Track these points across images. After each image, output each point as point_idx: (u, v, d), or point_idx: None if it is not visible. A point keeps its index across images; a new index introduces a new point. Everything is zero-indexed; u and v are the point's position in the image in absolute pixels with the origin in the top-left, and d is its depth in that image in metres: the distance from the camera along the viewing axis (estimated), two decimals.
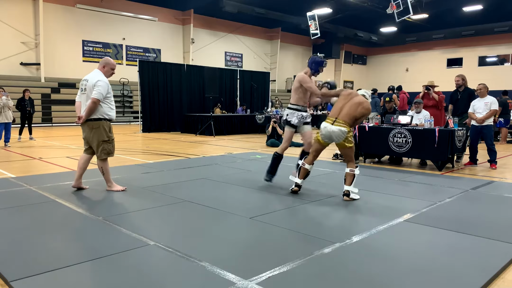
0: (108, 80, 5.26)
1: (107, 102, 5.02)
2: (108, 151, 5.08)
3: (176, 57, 23.84)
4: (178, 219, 4.09)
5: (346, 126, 4.78)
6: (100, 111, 4.95)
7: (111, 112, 5.09)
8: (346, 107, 4.88)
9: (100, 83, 4.90)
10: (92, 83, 4.90)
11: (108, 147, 5.08)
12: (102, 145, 5.02)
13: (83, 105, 4.98)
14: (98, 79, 4.93)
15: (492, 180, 6.38)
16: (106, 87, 4.96)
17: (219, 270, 2.78)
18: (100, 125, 4.98)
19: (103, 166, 5.15)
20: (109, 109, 5.05)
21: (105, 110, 4.99)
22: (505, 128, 12.78)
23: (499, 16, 24.67)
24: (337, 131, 4.77)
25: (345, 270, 2.85)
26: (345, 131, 4.77)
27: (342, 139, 4.80)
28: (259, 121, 15.81)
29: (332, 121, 4.86)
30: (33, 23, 18.85)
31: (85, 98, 4.97)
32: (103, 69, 5.09)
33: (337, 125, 4.79)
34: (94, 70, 5.11)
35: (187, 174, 6.58)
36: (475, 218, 4.18)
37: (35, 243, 3.31)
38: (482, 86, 7.66)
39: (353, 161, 4.94)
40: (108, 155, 5.10)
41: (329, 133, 4.83)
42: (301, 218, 4.09)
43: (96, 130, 4.98)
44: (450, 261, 3.01)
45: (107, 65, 5.11)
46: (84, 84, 4.98)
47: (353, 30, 28.95)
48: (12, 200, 4.69)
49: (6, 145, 10.37)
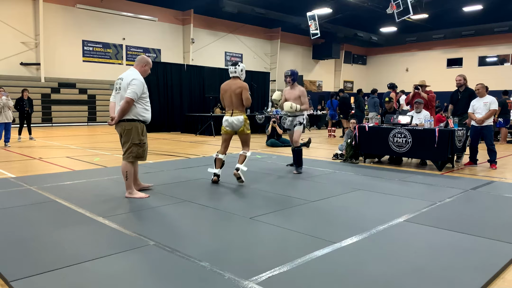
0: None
1: (142, 103, 4.75)
2: (136, 155, 4.78)
3: (176, 57, 23.83)
4: (178, 219, 4.09)
5: (242, 114, 5.65)
6: (134, 112, 4.68)
7: (146, 114, 4.81)
8: (232, 98, 5.64)
9: (136, 81, 4.64)
10: (127, 81, 4.64)
11: (138, 151, 4.79)
12: (132, 147, 4.74)
13: (117, 105, 4.74)
14: (134, 77, 4.67)
15: (492, 180, 6.38)
16: (142, 86, 4.70)
17: (219, 270, 2.78)
18: (133, 127, 4.71)
19: (128, 170, 4.79)
20: (143, 110, 4.77)
21: (139, 111, 4.72)
22: (505, 128, 12.78)
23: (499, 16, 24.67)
24: (235, 121, 5.64)
25: (345, 270, 2.85)
26: (242, 119, 5.63)
27: (241, 126, 5.65)
28: (259, 121, 15.81)
29: (230, 114, 5.69)
30: (33, 23, 18.84)
31: (119, 98, 4.73)
32: (143, 68, 4.85)
33: (235, 115, 5.65)
34: (130, 69, 4.84)
35: (187, 174, 6.58)
36: (475, 218, 4.18)
37: (35, 243, 3.31)
38: (480, 86, 7.66)
39: (248, 146, 5.83)
40: (136, 159, 4.82)
41: (230, 124, 5.67)
42: (301, 218, 4.09)
43: (128, 131, 4.71)
44: (450, 261, 3.01)
45: (148, 64, 4.88)
46: (119, 83, 4.74)
47: (353, 30, 28.94)
48: (12, 200, 4.69)
49: (6, 145, 10.37)
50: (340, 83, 33.66)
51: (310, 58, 32.34)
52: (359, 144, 8.07)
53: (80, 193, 5.06)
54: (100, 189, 5.31)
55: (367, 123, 8.44)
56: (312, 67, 32.63)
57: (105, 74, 20.35)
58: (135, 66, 4.85)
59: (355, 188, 5.55)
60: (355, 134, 8.10)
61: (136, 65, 4.86)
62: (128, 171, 4.78)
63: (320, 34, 23.90)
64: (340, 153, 8.60)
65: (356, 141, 8.08)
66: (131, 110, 4.65)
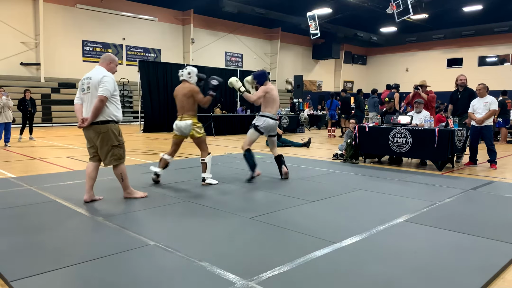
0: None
1: (114, 102, 4.49)
2: (118, 156, 4.56)
3: (176, 57, 23.84)
4: (179, 219, 4.09)
5: (190, 118, 5.53)
6: (107, 112, 4.42)
7: (118, 113, 4.55)
8: (182, 103, 5.58)
9: (107, 78, 4.39)
10: (97, 79, 4.37)
11: (119, 152, 4.57)
12: (112, 150, 4.50)
13: (88, 106, 4.43)
14: (104, 74, 4.41)
15: (492, 180, 6.38)
16: (113, 83, 4.45)
17: (219, 270, 2.78)
18: (109, 129, 4.44)
19: (122, 172, 4.64)
20: (116, 109, 4.51)
21: (112, 111, 4.45)
22: (505, 128, 12.77)
23: (499, 16, 24.67)
24: (183, 125, 5.50)
25: (345, 270, 2.85)
26: (190, 123, 5.49)
27: (189, 130, 5.50)
28: None
29: (180, 118, 5.59)
30: (33, 23, 18.85)
31: (89, 98, 4.41)
32: (109, 66, 4.59)
33: (183, 120, 5.54)
34: (95, 67, 4.59)
35: (187, 174, 6.58)
36: (475, 218, 4.18)
37: (35, 243, 3.31)
38: (481, 86, 7.67)
39: (204, 150, 5.65)
40: (118, 161, 4.58)
41: (179, 128, 5.55)
42: (301, 218, 4.09)
43: (104, 134, 4.43)
44: (450, 261, 3.01)
45: (113, 61, 4.64)
46: (87, 82, 4.44)
47: (353, 30, 28.95)
48: (12, 200, 4.69)
49: (6, 145, 10.37)
50: (340, 83, 33.66)
51: (310, 58, 32.35)
52: (359, 144, 8.07)
53: (80, 193, 5.05)
54: (100, 189, 5.30)
55: (367, 123, 8.44)
56: (312, 67, 32.64)
57: None
58: (100, 64, 4.59)
59: (355, 188, 5.55)
60: (355, 134, 8.10)
61: (101, 63, 4.60)
62: (122, 173, 4.64)
63: (320, 34, 23.91)
64: (340, 153, 8.60)
65: (356, 141, 8.08)
66: (103, 111, 4.38)
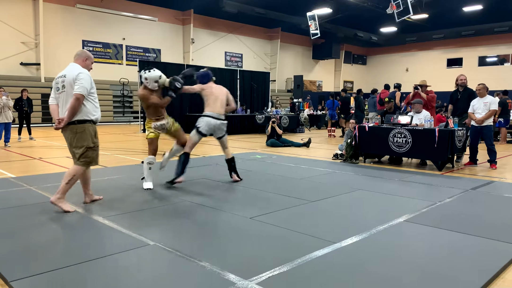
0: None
1: (92, 100, 4.24)
2: (91, 159, 4.29)
3: (176, 57, 23.84)
4: (179, 219, 4.09)
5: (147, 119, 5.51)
6: (85, 111, 4.17)
7: (96, 112, 4.30)
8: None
9: (83, 75, 4.13)
10: (72, 77, 4.11)
11: (93, 155, 4.30)
12: (87, 152, 4.24)
13: (63, 105, 4.18)
14: (80, 71, 4.15)
15: (492, 180, 6.38)
16: (90, 80, 4.20)
17: (219, 270, 2.78)
18: (85, 129, 4.20)
19: (76, 175, 4.25)
20: (94, 108, 4.26)
21: (89, 110, 4.21)
22: (505, 128, 12.77)
23: (499, 16, 24.66)
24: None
25: (345, 270, 2.85)
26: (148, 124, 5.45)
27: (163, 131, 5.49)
28: (259, 121, 15.81)
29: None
30: (33, 23, 18.85)
31: (64, 97, 4.16)
32: (84, 63, 4.34)
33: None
34: (70, 64, 4.34)
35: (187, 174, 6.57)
36: (475, 218, 4.18)
37: (35, 243, 3.31)
38: (481, 86, 7.67)
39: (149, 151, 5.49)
40: (88, 164, 4.31)
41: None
42: (301, 218, 4.09)
43: (81, 134, 4.19)
44: (450, 261, 3.01)
45: (89, 58, 4.41)
46: (61, 81, 4.19)
47: (353, 30, 28.94)
48: (12, 200, 4.69)
49: (6, 145, 10.37)
50: (340, 83, 33.66)
51: (310, 58, 32.35)
52: (359, 144, 8.07)
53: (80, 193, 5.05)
54: (100, 189, 5.30)
55: (367, 123, 8.44)
56: (312, 67, 32.63)
57: (105, 74, 20.33)
58: (75, 60, 4.35)
59: (355, 188, 5.55)
60: (355, 134, 8.10)
61: (76, 59, 4.36)
62: (75, 176, 4.25)
63: (320, 34, 23.91)
64: (340, 153, 8.60)
65: (356, 141, 8.08)
66: (80, 109, 4.12)
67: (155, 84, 5.34)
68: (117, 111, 21.41)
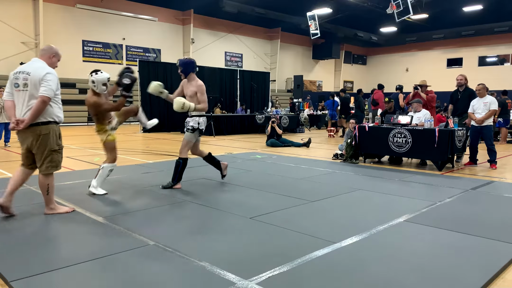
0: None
1: (57, 101, 4.01)
2: (56, 163, 4.05)
3: (176, 57, 23.54)
4: (178, 219, 4.09)
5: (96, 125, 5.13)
6: (49, 112, 3.91)
7: (61, 114, 4.07)
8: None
9: (51, 76, 3.88)
10: (38, 76, 3.83)
11: (57, 158, 4.05)
12: (51, 155, 3.98)
13: (22, 105, 3.86)
14: (48, 71, 3.89)
15: (492, 180, 6.38)
16: (57, 81, 3.97)
17: (219, 270, 2.78)
18: (50, 130, 3.94)
19: (50, 183, 4.08)
20: (58, 109, 4.03)
21: (54, 111, 3.96)
22: (505, 128, 12.77)
23: (499, 16, 24.66)
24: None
25: (345, 270, 2.85)
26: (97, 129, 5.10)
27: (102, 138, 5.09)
28: (259, 121, 15.81)
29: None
30: (33, 23, 18.85)
31: (25, 97, 3.84)
32: (50, 60, 4.06)
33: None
34: (33, 60, 4.05)
35: (187, 174, 6.57)
36: (475, 218, 4.18)
37: (35, 243, 3.31)
38: (481, 86, 7.67)
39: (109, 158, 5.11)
40: (55, 169, 4.07)
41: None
42: (301, 218, 4.09)
43: (45, 136, 3.91)
44: (450, 261, 3.01)
45: (56, 55, 4.13)
46: (23, 78, 3.85)
47: (353, 30, 28.94)
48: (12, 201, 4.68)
49: (6, 145, 10.36)
50: (340, 83, 33.66)
51: (310, 58, 32.34)
52: (359, 144, 8.07)
53: (80, 193, 5.06)
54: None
55: (367, 123, 8.44)
56: (312, 67, 32.63)
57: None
58: (40, 56, 4.06)
59: (355, 188, 5.55)
60: (355, 134, 8.10)
61: (41, 55, 4.06)
62: (50, 184, 4.08)
63: (320, 34, 23.91)
64: (340, 153, 8.60)
65: (356, 141, 8.08)
66: (45, 110, 3.87)
67: (103, 87, 5.05)
68: None
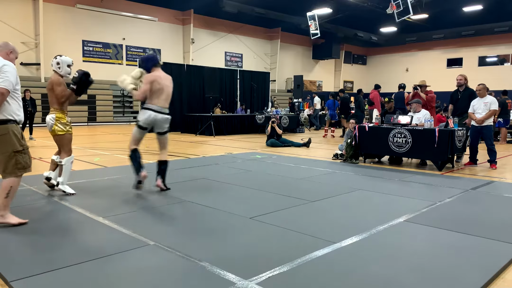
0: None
1: (16, 98, 3.69)
2: (24, 165, 3.73)
3: (176, 57, 23.83)
4: (178, 219, 4.10)
5: (54, 112, 4.88)
6: (8, 110, 3.60)
7: (20, 112, 3.75)
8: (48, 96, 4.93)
9: (8, 68, 3.57)
10: None
11: (24, 159, 3.73)
12: (15, 157, 3.66)
13: None
14: (4, 63, 3.58)
15: (492, 180, 6.38)
16: (16, 75, 3.65)
17: (219, 270, 2.78)
18: (10, 130, 3.61)
19: (13, 186, 3.73)
20: (18, 107, 3.71)
21: (13, 109, 3.64)
22: (505, 128, 12.78)
23: (499, 16, 24.66)
24: (47, 119, 4.89)
25: (345, 270, 2.85)
26: (52, 117, 4.85)
27: (51, 126, 4.86)
28: (259, 121, 15.81)
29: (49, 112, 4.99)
30: (33, 23, 18.85)
31: None
32: (8, 57, 3.76)
33: (49, 114, 4.91)
34: None
35: (187, 174, 6.58)
36: (475, 218, 4.18)
37: (35, 243, 3.31)
38: (481, 86, 7.68)
39: (66, 151, 4.96)
40: (24, 170, 3.75)
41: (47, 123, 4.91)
42: (301, 218, 4.09)
43: (4, 137, 3.59)
44: (450, 261, 3.02)
45: (14, 52, 3.84)
46: None
47: (353, 30, 28.94)
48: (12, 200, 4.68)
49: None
50: (340, 83, 33.66)
51: (310, 58, 32.34)
52: (359, 144, 8.07)
53: (80, 193, 5.06)
54: (100, 189, 5.31)
55: (367, 123, 8.44)
56: (312, 67, 32.63)
57: (105, 74, 20.32)
58: None
59: (355, 188, 5.55)
60: (355, 134, 8.11)
61: None
62: (13, 187, 3.74)
63: (320, 34, 23.90)
64: (340, 153, 8.60)
65: (356, 141, 8.08)
66: (2, 107, 3.56)
67: (68, 69, 4.90)
68: (117, 111, 21.41)
